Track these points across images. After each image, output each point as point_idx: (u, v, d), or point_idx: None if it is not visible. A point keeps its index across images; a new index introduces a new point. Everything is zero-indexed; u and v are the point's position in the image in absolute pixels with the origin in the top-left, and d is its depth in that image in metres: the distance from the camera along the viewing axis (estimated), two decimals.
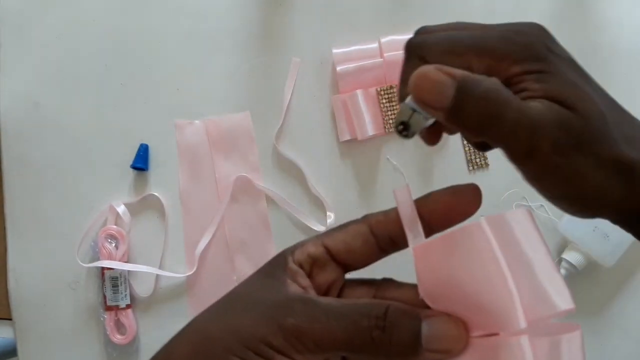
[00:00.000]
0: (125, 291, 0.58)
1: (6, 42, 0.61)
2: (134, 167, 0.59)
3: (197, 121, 0.60)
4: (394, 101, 0.58)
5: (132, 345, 0.58)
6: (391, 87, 0.58)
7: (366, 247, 0.26)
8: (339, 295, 0.27)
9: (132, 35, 0.61)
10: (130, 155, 0.59)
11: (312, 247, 0.26)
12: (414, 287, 0.26)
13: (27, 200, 0.60)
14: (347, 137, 0.59)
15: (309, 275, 0.26)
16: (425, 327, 0.22)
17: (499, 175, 0.59)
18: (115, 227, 0.58)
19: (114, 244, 0.58)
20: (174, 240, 0.59)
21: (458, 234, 0.22)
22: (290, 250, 0.26)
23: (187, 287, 0.59)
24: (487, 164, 0.59)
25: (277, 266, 0.26)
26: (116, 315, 0.58)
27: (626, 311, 0.57)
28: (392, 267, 0.29)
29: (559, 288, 0.22)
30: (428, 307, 0.24)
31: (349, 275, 0.27)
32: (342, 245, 0.26)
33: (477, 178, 0.59)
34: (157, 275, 0.58)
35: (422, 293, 0.24)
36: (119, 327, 0.58)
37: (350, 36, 0.59)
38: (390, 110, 0.58)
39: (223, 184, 0.59)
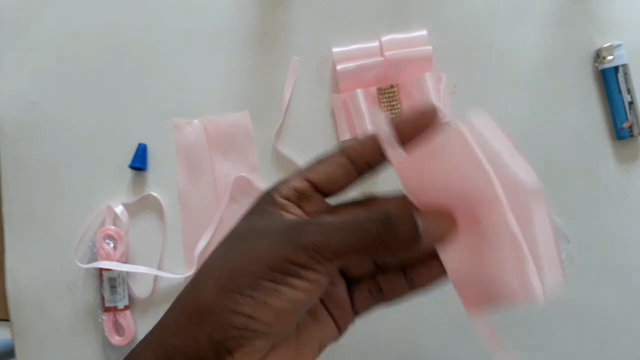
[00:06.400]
0: (124, 292, 0.57)
1: (4, 40, 0.61)
2: (132, 167, 0.59)
3: (196, 121, 0.60)
4: (394, 100, 0.57)
5: (131, 346, 0.58)
6: (392, 87, 0.57)
7: (347, 175, 0.30)
8: None
9: (131, 34, 0.60)
10: (129, 155, 0.59)
11: (296, 182, 0.29)
12: (396, 197, 0.30)
13: (24, 200, 0.59)
14: (348, 137, 0.58)
15: (299, 206, 0.29)
16: (420, 223, 0.26)
17: None
18: (113, 227, 0.58)
19: (112, 245, 0.57)
20: (172, 241, 0.59)
21: (438, 141, 0.26)
22: (274, 188, 0.29)
23: None
24: None
25: (265, 202, 0.29)
26: (114, 316, 0.57)
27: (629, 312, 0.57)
28: None
29: (527, 170, 0.26)
30: (416, 209, 0.28)
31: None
32: (324, 177, 0.29)
33: None
34: (156, 276, 0.58)
35: (411, 197, 0.28)
36: (117, 328, 0.58)
37: (350, 35, 0.59)
38: (391, 110, 0.57)
39: (222, 184, 0.59)
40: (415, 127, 0.28)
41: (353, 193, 0.32)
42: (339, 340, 0.31)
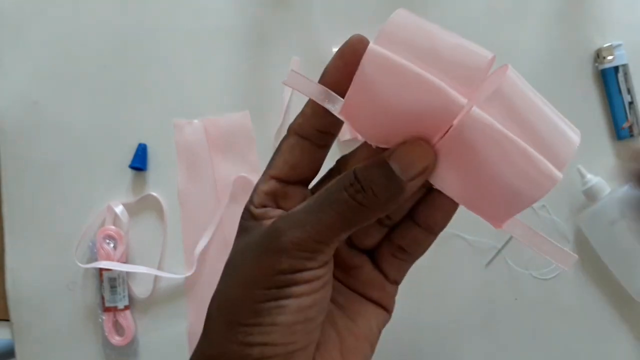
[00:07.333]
0: (124, 292, 0.57)
1: (4, 40, 0.61)
2: (132, 167, 0.59)
3: (196, 121, 0.60)
4: None
5: (131, 346, 0.58)
6: None
7: (306, 153, 0.26)
8: None
9: (131, 34, 0.60)
10: (129, 155, 0.59)
11: (263, 186, 0.26)
12: (362, 146, 0.27)
13: (25, 200, 0.59)
14: (348, 137, 0.58)
15: (279, 208, 0.26)
16: (393, 165, 0.22)
17: None
18: (113, 227, 0.58)
19: (112, 245, 0.57)
20: (172, 241, 0.59)
21: (360, 70, 0.22)
22: (249, 201, 0.27)
23: (186, 288, 0.58)
24: None
25: (245, 220, 0.26)
26: (114, 316, 0.57)
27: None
28: None
29: (469, 51, 0.23)
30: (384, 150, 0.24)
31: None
32: (286, 167, 0.26)
33: None
34: (156, 276, 0.58)
35: (372, 142, 0.24)
36: (117, 328, 0.58)
37: (350, 35, 0.59)
38: None
39: (222, 184, 0.59)
40: (347, 69, 0.24)
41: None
42: (389, 319, 0.29)
